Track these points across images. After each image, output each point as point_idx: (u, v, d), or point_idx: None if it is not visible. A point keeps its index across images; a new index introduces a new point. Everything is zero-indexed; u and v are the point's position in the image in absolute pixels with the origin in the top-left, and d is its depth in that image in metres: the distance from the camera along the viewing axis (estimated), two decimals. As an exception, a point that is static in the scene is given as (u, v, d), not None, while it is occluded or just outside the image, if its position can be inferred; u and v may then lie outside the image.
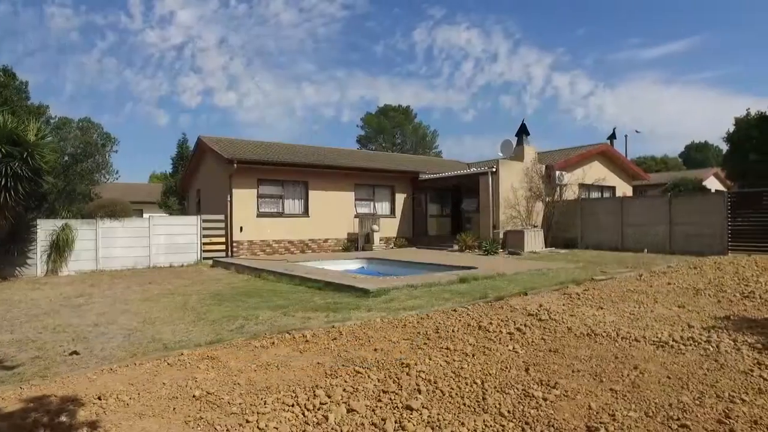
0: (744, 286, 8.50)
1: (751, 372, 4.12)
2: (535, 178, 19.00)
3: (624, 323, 5.96)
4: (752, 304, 7.10)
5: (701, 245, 15.08)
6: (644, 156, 59.60)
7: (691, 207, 15.87)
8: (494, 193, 18.18)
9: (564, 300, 7.56)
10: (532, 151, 19.94)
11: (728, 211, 14.93)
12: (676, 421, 3.16)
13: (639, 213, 17.10)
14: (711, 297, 7.69)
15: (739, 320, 6.09)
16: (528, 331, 5.52)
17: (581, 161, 21.40)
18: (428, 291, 8.69)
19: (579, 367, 4.25)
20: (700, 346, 4.87)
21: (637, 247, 16.56)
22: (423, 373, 4.08)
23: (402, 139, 59.08)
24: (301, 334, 5.60)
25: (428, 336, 5.43)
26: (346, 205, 19.89)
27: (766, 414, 3.26)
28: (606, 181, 22.16)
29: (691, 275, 10.12)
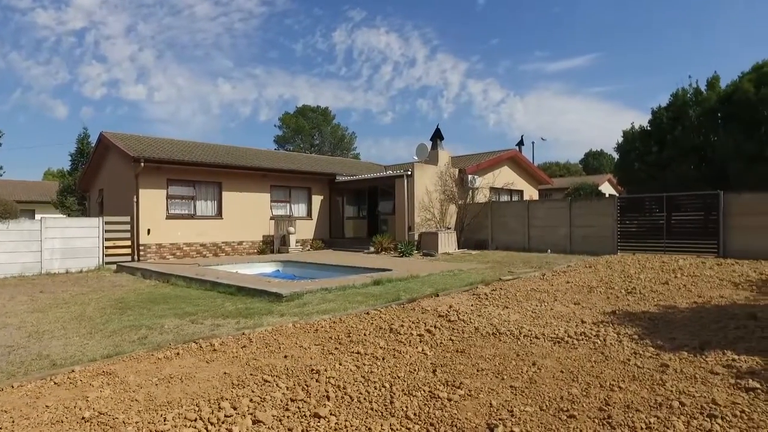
0: (628, 283, 9.37)
1: (628, 361, 4.55)
2: (448, 182, 19.66)
3: (526, 321, 6.33)
4: (634, 299, 7.84)
5: (596, 245, 16.40)
6: (549, 162, 63.77)
7: (588, 210, 17.21)
8: (410, 196, 18.58)
9: (473, 300, 7.89)
10: (446, 155, 20.63)
11: (618, 214, 16.37)
12: (565, 412, 3.40)
13: (543, 216, 18.26)
14: (601, 294, 8.38)
15: (622, 314, 6.68)
16: (437, 333, 5.69)
17: (492, 166, 22.48)
18: (342, 294, 8.70)
19: (483, 366, 4.45)
20: (590, 341, 5.29)
21: (541, 247, 17.67)
22: (333, 379, 4.07)
23: (320, 140, 58.72)
24: (209, 342, 5.37)
25: (340, 340, 5.43)
26: (261, 206, 19.40)
27: (636, 398, 3.62)
28: (514, 185, 23.45)
29: (587, 274, 10.97)
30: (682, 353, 4.77)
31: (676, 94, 21.35)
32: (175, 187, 17.30)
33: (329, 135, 58.87)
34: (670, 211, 15.51)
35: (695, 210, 15.36)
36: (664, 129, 20.82)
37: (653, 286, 9.00)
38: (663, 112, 21.47)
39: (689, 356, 4.68)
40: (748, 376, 4.09)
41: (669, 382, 3.97)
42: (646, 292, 8.45)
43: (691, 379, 4.05)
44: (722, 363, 4.47)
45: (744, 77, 19.19)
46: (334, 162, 28.81)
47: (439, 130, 20.64)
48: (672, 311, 6.89)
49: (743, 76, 19.31)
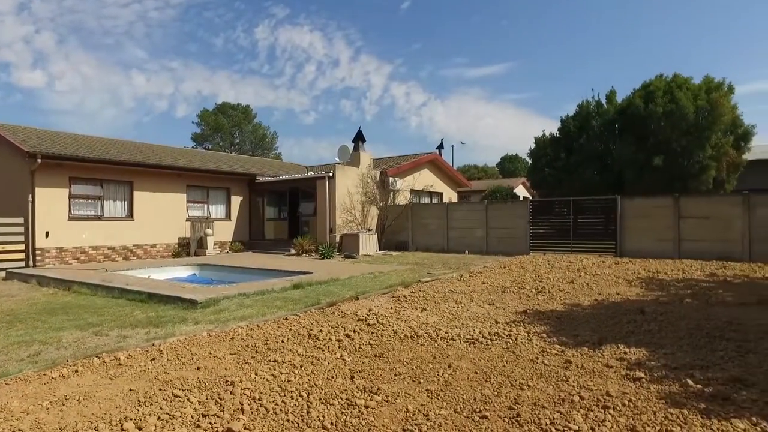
0: (538, 283, 9.95)
1: (537, 359, 4.82)
2: (370, 184, 19.82)
3: (444, 323, 6.51)
4: (543, 298, 8.34)
5: (511, 246, 17.27)
6: (468, 165, 66.20)
7: (503, 213, 18.07)
8: (331, 198, 18.52)
9: (392, 303, 8.00)
10: (368, 157, 20.79)
11: (530, 217, 17.34)
12: (478, 413, 3.54)
13: (461, 218, 18.92)
14: (514, 294, 8.83)
15: (533, 313, 7.08)
16: (356, 337, 5.71)
17: (413, 168, 22.95)
18: (261, 299, 8.49)
19: (401, 371, 4.52)
20: (503, 340, 5.54)
21: (460, 249, 18.30)
22: (248, 391, 3.95)
23: (241, 139, 56.98)
24: (114, 356, 5.02)
25: (257, 349, 5.29)
26: (177, 207, 18.46)
27: (543, 395, 3.85)
28: (434, 188, 24.11)
29: (501, 274, 11.51)
30: (583, 349, 5.13)
31: (582, 105, 22.97)
32: (79, 186, 16.01)
33: (250, 134, 57.27)
34: (576, 214, 16.67)
35: (597, 213, 16.62)
36: (572, 137, 22.32)
37: (560, 285, 9.63)
38: (570, 121, 23.00)
39: (589, 351, 5.04)
40: (636, 367, 4.49)
41: (571, 377, 4.25)
42: (554, 291, 9.01)
43: (590, 374, 4.37)
44: (616, 356, 4.87)
45: (635, 93, 21.06)
46: (254, 162, 28.06)
47: (361, 133, 20.77)
48: (576, 309, 7.40)
49: (635, 93, 21.18)
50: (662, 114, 19.26)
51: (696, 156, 18.94)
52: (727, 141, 19.44)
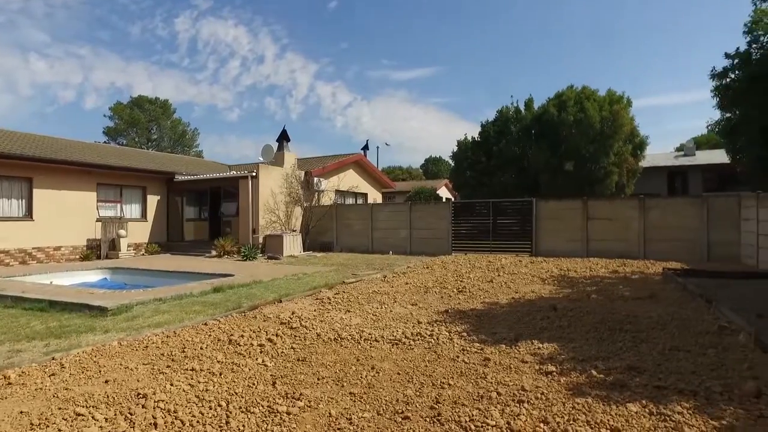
0: (459, 282, 10.28)
1: (457, 358, 4.97)
2: (294, 184, 19.53)
3: (367, 325, 6.54)
4: (464, 297, 8.63)
5: (434, 247, 17.71)
6: (393, 166, 67.27)
7: (427, 214, 18.49)
8: (254, 198, 18.04)
9: (316, 305, 7.92)
10: (293, 157, 20.47)
11: (452, 218, 17.88)
12: (400, 414, 3.58)
13: (386, 219, 19.13)
14: (436, 294, 9.06)
15: (454, 313, 7.30)
16: (279, 342, 5.59)
17: (338, 169, 22.90)
18: (178, 304, 8.08)
19: (324, 374, 4.48)
20: (425, 340, 5.66)
21: (384, 249, 18.49)
22: (162, 403, 3.73)
23: (159, 135, 54.00)
24: (2, 374, 4.54)
25: (173, 357, 5.03)
26: (85, 207, 17.11)
27: (463, 393, 3.97)
28: (359, 189, 24.20)
29: (424, 274, 11.76)
30: (501, 346, 5.36)
31: (501, 111, 24.07)
32: (-38, 182, 14.41)
33: (169, 130, 54.40)
34: (495, 215, 17.41)
35: (515, 214, 17.45)
36: (491, 141, 23.31)
37: (480, 285, 10.00)
38: (491, 126, 24.02)
39: (506, 348, 5.27)
40: (548, 362, 4.76)
41: (490, 374, 4.42)
42: (474, 290, 9.35)
43: (507, 370, 4.57)
44: (531, 352, 5.13)
45: (550, 102, 22.42)
46: (173, 159, 26.69)
47: (285, 132, 20.41)
48: (495, 307, 7.72)
49: (549, 101, 22.54)
50: (573, 122, 20.63)
51: (601, 162, 20.48)
52: (627, 149, 21.23)
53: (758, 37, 7.87)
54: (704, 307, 7.35)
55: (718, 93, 8.49)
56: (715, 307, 7.17)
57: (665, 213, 15.03)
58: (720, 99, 8.51)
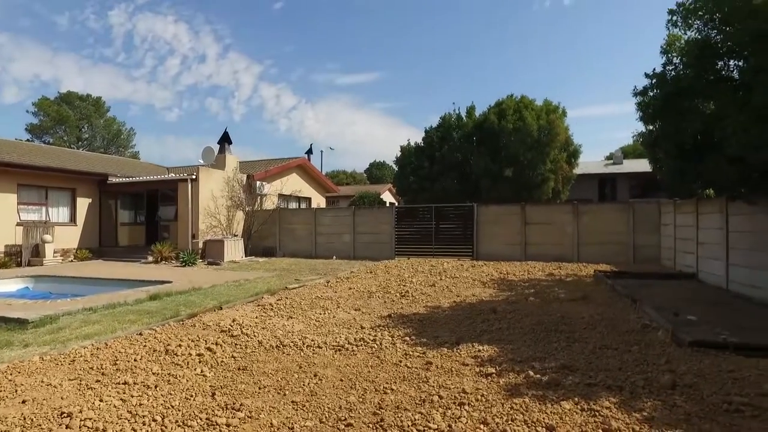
0: (402, 287, 10.39)
1: (400, 363, 5.02)
2: (236, 187, 19.06)
3: (310, 331, 6.48)
4: (407, 302, 8.72)
5: (377, 251, 17.79)
6: (337, 170, 66.90)
7: (370, 218, 18.56)
8: (194, 201, 17.44)
9: (258, 312, 7.76)
10: (235, 160, 19.97)
11: (395, 222, 18.05)
12: (343, 421, 3.57)
13: (329, 223, 19.03)
14: (380, 298, 9.10)
15: (397, 317, 7.36)
16: (219, 350, 5.43)
17: (281, 172, 22.57)
18: (111, 313, 7.66)
19: (266, 383, 4.40)
20: (368, 345, 5.68)
21: (327, 254, 18.38)
22: (90, 421, 3.53)
23: (90, 134, 50.96)
24: None
25: (103, 371, 4.76)
26: (4, 210, 15.87)
27: (405, 398, 4.02)
28: (302, 193, 23.94)
29: (367, 279, 11.79)
30: (443, 349, 5.46)
31: (444, 118, 24.58)
32: None
33: (102, 129, 51.46)
34: (438, 220, 17.72)
35: (457, 219, 17.83)
36: (434, 147, 23.75)
37: (423, 289, 10.15)
38: (434, 132, 24.47)
39: (448, 352, 5.38)
40: (488, 364, 4.90)
41: (432, 378, 4.50)
42: (417, 294, 9.48)
43: (448, 373, 4.66)
44: (471, 354, 5.27)
45: (491, 110, 23.16)
46: (106, 160, 25.34)
47: (227, 134, 19.88)
48: (437, 311, 7.85)
49: (490, 109, 23.29)
50: (512, 130, 21.39)
51: (539, 169, 21.35)
52: (562, 157, 22.26)
53: (672, 59, 8.52)
54: (630, 307, 7.83)
55: (640, 108, 9.09)
56: (638, 306, 7.65)
57: (596, 218, 15.88)
58: (642, 114, 9.11)
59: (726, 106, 7.32)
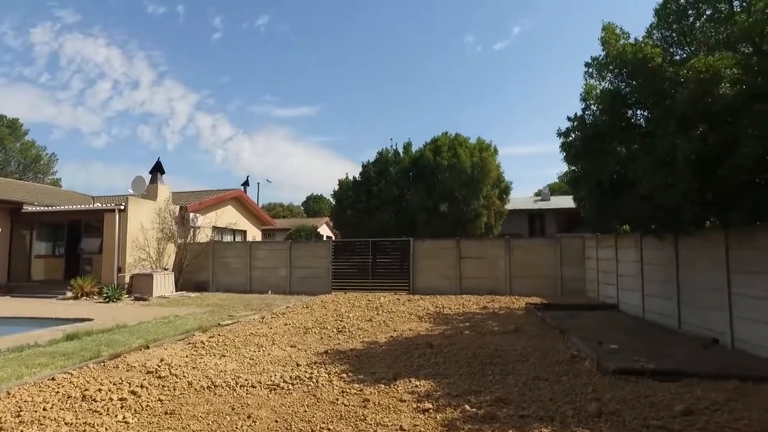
0: (339, 322, 10.29)
1: (337, 401, 4.94)
2: (168, 219, 18.31)
3: (244, 370, 6.25)
4: (344, 338, 8.63)
5: (314, 286, 17.55)
6: (273, 203, 66.12)
7: (307, 252, 18.36)
8: (122, 233, 16.55)
9: (189, 350, 7.40)
10: (167, 190, 19.26)
11: (332, 256, 17.95)
12: (277, 465, 3.46)
13: (265, 257, 18.63)
14: (316, 334, 8.95)
15: (334, 353, 7.27)
16: (144, 393, 5.11)
17: (216, 204, 21.97)
18: (18, 357, 7.01)
19: (195, 428, 4.18)
20: (304, 384, 5.55)
21: (263, 289, 17.91)
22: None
23: (4, 157, 47.34)
24: None
25: (2, 425, 4.32)
26: None
27: (345, 439, 3.96)
28: (238, 225, 23.36)
29: (304, 314, 11.58)
30: (380, 386, 5.44)
31: (382, 153, 25.05)
32: None
33: (18, 153, 47.90)
34: (375, 254, 17.81)
35: (394, 253, 18.01)
36: (372, 181, 24.05)
37: (360, 324, 10.10)
38: (371, 166, 24.83)
39: (385, 388, 5.36)
40: (425, 399, 4.93)
41: (369, 416, 4.46)
42: (354, 330, 9.41)
43: (386, 410, 4.64)
44: (408, 390, 5.28)
45: (427, 146, 23.91)
46: (21, 187, 23.53)
47: (160, 164, 19.20)
48: (374, 346, 7.83)
49: (426, 146, 24.03)
50: (447, 166, 22.13)
51: (472, 204, 22.11)
52: (494, 193, 23.23)
53: (590, 106, 9.29)
54: (559, 338, 8.18)
55: (564, 149, 9.77)
56: (567, 337, 8.01)
57: (527, 252, 16.59)
58: (566, 154, 9.79)
59: (636, 150, 8.01)
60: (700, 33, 8.09)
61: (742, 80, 6.40)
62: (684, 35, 8.37)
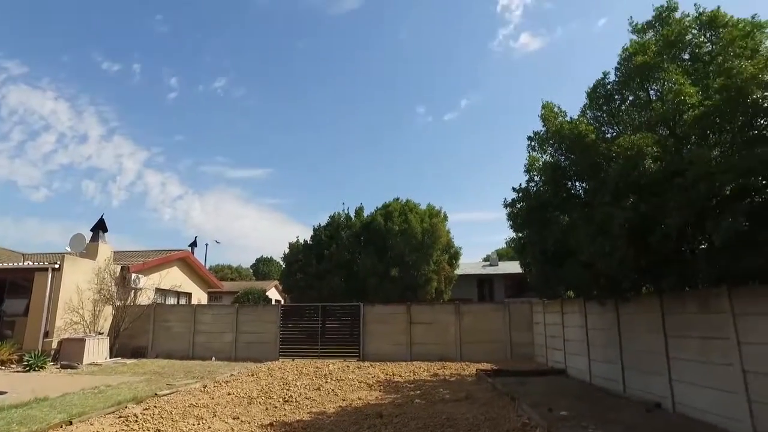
0: (286, 391, 9.85)
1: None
2: (107, 280, 17.36)
3: (180, 445, 5.82)
4: (290, 408, 8.25)
5: (261, 352, 16.84)
6: (222, 264, 64.11)
7: (254, 317, 17.74)
8: (53, 294, 15.49)
9: (119, 425, 6.83)
10: (108, 249, 18.41)
11: (281, 321, 17.42)
12: None
13: (210, 321, 17.83)
14: (261, 405, 8.51)
15: (279, 425, 6.90)
16: (66, 475, 4.65)
17: (161, 265, 21.12)
18: None
19: None
20: (246, 459, 5.21)
21: (206, 355, 17.00)
22: None
23: None
24: None
25: None
26: None
27: None
28: (183, 288, 22.46)
29: (249, 383, 11.03)
30: (327, 459, 5.18)
31: (333, 217, 25.17)
32: None
33: (-61, 207, 44.86)
34: (325, 319, 17.43)
35: (344, 318, 17.69)
36: (323, 245, 23.95)
37: (308, 393, 9.70)
38: (323, 230, 24.82)
39: (332, 461, 5.11)
40: (375, 474, 4.73)
41: (314, 492, 4.21)
42: (301, 399, 9.01)
43: (332, 485, 4.40)
44: (357, 464, 5.05)
45: (378, 211, 24.29)
46: (-60, 245, 21.89)
47: (103, 221, 18.47)
48: (322, 417, 7.51)
49: (377, 211, 24.41)
50: (398, 232, 22.44)
51: (423, 269, 22.33)
52: (444, 258, 23.62)
53: (534, 177, 9.90)
54: (510, 405, 8.14)
55: (510, 218, 10.23)
56: (517, 404, 8.00)
57: (477, 318, 16.72)
58: (512, 223, 10.25)
59: (577, 219, 8.48)
60: (626, 115, 8.92)
61: (662, 158, 7.06)
62: (612, 116, 9.19)
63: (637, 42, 8.53)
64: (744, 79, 5.98)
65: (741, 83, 5.98)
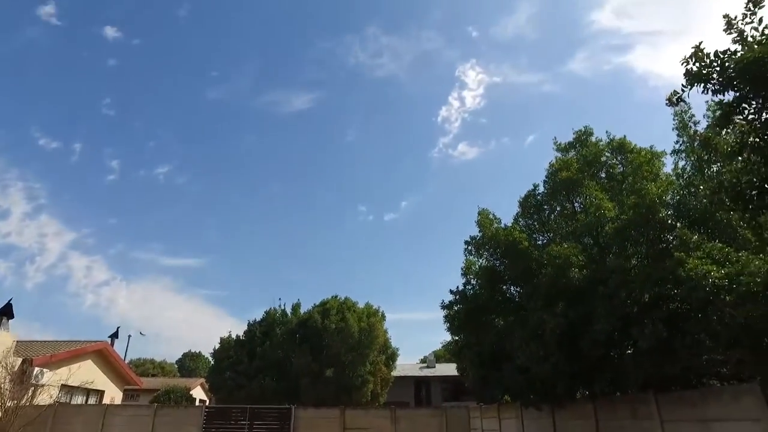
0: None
1: None
2: (1, 374, 15.46)
3: None
4: None
5: (175, 461, 15.17)
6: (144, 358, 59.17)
7: (175, 418, 16.21)
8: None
9: None
10: (10, 339, 16.64)
11: (204, 423, 15.97)
12: None
13: (122, 424, 16.07)
14: None
15: None
16: None
17: (72, 358, 19.19)
18: None
19: None
20: None
21: (111, 464, 15.08)
22: None
23: None
24: None
25: None
26: None
27: None
28: (95, 384, 20.30)
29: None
30: None
31: (269, 312, 24.36)
32: None
33: None
34: (253, 422, 16.16)
35: (273, 421, 16.46)
36: (256, 342, 22.89)
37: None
38: (257, 326, 23.84)
39: None
40: None
41: None
42: None
43: None
44: None
45: (315, 309, 23.79)
46: None
47: (10, 306, 16.87)
48: None
49: (315, 308, 23.91)
50: (335, 330, 21.91)
51: (359, 370, 21.61)
52: (381, 359, 23.09)
53: (470, 280, 10.24)
54: None
55: (447, 320, 10.36)
56: None
57: (414, 423, 16.06)
58: (449, 325, 10.36)
59: (512, 322, 8.73)
60: (555, 224, 9.64)
61: (587, 266, 7.58)
62: (543, 224, 9.89)
63: (562, 159, 9.49)
64: (651, 199, 6.73)
65: (649, 202, 6.71)
